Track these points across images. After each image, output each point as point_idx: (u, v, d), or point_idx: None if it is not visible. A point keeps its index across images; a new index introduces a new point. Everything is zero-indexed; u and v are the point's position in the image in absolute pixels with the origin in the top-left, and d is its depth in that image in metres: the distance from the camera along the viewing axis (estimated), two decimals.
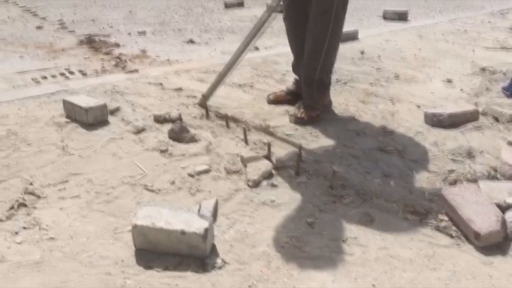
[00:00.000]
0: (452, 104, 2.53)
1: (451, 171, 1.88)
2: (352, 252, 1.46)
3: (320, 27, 2.23)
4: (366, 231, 1.55)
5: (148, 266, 1.37)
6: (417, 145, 2.10)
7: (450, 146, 2.09)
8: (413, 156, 2.01)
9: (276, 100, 2.55)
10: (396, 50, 3.61)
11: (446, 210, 1.62)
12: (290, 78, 2.93)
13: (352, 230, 1.55)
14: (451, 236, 1.53)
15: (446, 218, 1.60)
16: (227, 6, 5.56)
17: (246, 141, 2.09)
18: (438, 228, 1.57)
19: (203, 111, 2.37)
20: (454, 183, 1.79)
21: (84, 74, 3.08)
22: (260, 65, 3.19)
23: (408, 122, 2.32)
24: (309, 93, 2.35)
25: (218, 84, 2.46)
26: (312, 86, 2.34)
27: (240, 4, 5.62)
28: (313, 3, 2.22)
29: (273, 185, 1.79)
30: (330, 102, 2.47)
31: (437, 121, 2.27)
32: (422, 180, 1.85)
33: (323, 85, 2.37)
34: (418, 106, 2.52)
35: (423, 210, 1.65)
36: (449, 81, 2.92)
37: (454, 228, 1.56)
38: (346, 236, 1.52)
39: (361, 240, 1.51)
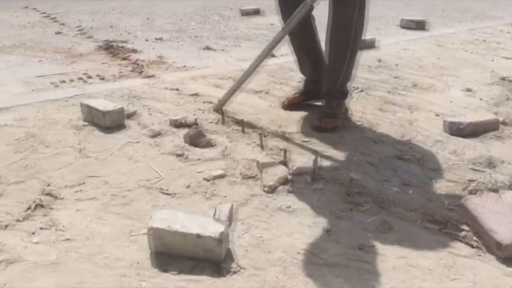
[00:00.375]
0: (472, 113, 2.49)
1: (472, 180, 1.85)
2: (370, 260, 1.43)
3: (342, 37, 2.21)
4: (384, 239, 1.52)
5: (163, 269, 1.36)
6: (436, 154, 2.07)
7: (470, 155, 2.05)
8: (432, 165, 1.98)
9: (291, 104, 2.54)
10: (414, 59, 3.58)
11: (467, 219, 1.59)
12: None
13: (369, 238, 1.53)
14: (472, 246, 1.50)
15: (466, 227, 1.57)
16: (243, 14, 5.59)
17: (262, 146, 2.08)
18: (458, 238, 1.53)
19: (219, 117, 2.37)
20: (474, 192, 1.75)
21: (102, 78, 3.11)
22: (277, 72, 3.18)
23: (427, 131, 2.29)
24: (330, 102, 2.34)
25: (237, 89, 2.45)
26: (332, 95, 2.34)
27: (257, 12, 5.64)
28: (332, 13, 2.21)
29: (289, 191, 1.77)
30: (346, 109, 2.45)
31: (456, 130, 2.24)
32: (442, 189, 1.81)
33: (343, 93, 2.37)
34: (437, 115, 2.48)
35: (442, 219, 1.61)
36: (469, 90, 2.88)
37: (474, 238, 1.52)
38: (363, 244, 1.49)
39: (379, 248, 1.48)
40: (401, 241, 1.51)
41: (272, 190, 1.77)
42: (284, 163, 1.92)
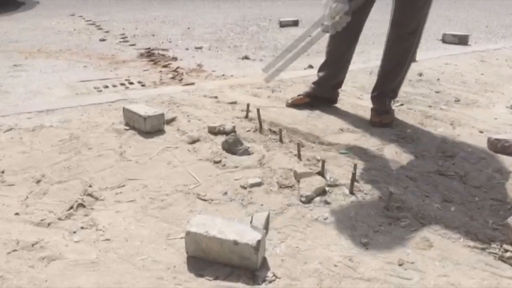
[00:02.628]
0: None
1: None
2: (409, 277, 1.39)
3: (407, 47, 2.39)
4: (424, 256, 1.48)
5: (199, 274, 1.36)
6: (480, 171, 2.00)
7: None
8: (475, 182, 1.92)
9: (295, 104, 2.71)
10: (456, 74, 3.49)
11: None
12: (345, 97, 2.91)
13: (409, 254, 1.49)
14: None
15: (511, 248, 1.50)
16: (282, 25, 5.63)
17: (299, 156, 2.07)
18: (502, 259, 1.47)
19: (257, 125, 2.38)
20: None
21: (143, 85, 3.18)
22: None
23: (470, 147, 2.22)
24: (384, 101, 2.51)
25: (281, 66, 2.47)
26: (385, 95, 2.52)
27: (295, 24, 5.67)
28: (397, 24, 2.36)
29: (326, 202, 1.75)
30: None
31: (501, 148, 2.16)
32: (485, 207, 1.75)
33: (395, 92, 2.57)
34: (481, 131, 2.41)
35: (486, 239, 1.55)
36: None
37: None
38: (402, 260, 1.45)
39: (418, 265, 1.44)
40: (442, 259, 1.46)
41: (308, 200, 1.76)
42: (322, 173, 1.90)
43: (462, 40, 4.68)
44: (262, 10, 6.76)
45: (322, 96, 2.71)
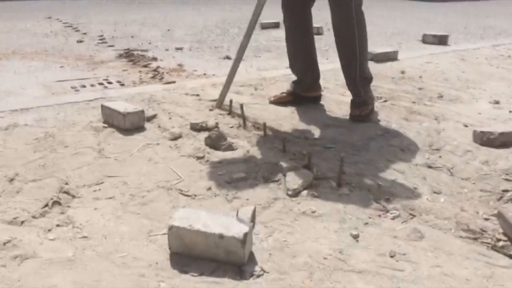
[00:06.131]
0: (502, 124, 2.40)
1: (506, 190, 1.75)
2: (402, 268, 1.34)
3: (347, 35, 2.32)
4: (416, 247, 1.43)
5: (183, 270, 1.29)
6: (467, 164, 1.98)
7: (502, 166, 1.96)
8: (463, 174, 1.89)
9: (277, 102, 2.67)
10: (438, 72, 3.50)
11: (504, 229, 1.49)
12: (328, 94, 2.87)
13: (400, 246, 1.44)
14: (511, 257, 1.40)
15: (504, 237, 1.47)
16: (263, 27, 5.61)
17: (284, 151, 2.01)
18: (495, 248, 1.44)
19: (240, 121, 2.32)
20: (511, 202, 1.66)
21: (122, 84, 3.10)
22: None
23: (456, 141, 2.20)
24: (357, 92, 2.43)
25: (229, 85, 2.54)
26: (357, 84, 2.42)
27: (276, 26, 5.65)
28: (332, 14, 2.33)
29: (314, 196, 1.70)
30: (374, 97, 2.56)
31: (487, 140, 2.15)
32: (475, 198, 1.72)
33: (366, 79, 2.46)
34: (465, 125, 2.39)
35: (478, 229, 1.52)
36: (497, 102, 2.79)
37: None
38: (394, 251, 1.41)
39: (411, 257, 1.39)
40: (435, 250, 1.42)
41: (295, 194, 1.70)
42: (308, 167, 1.85)
43: (442, 41, 4.72)
44: (243, 13, 6.73)
45: (304, 93, 2.66)
